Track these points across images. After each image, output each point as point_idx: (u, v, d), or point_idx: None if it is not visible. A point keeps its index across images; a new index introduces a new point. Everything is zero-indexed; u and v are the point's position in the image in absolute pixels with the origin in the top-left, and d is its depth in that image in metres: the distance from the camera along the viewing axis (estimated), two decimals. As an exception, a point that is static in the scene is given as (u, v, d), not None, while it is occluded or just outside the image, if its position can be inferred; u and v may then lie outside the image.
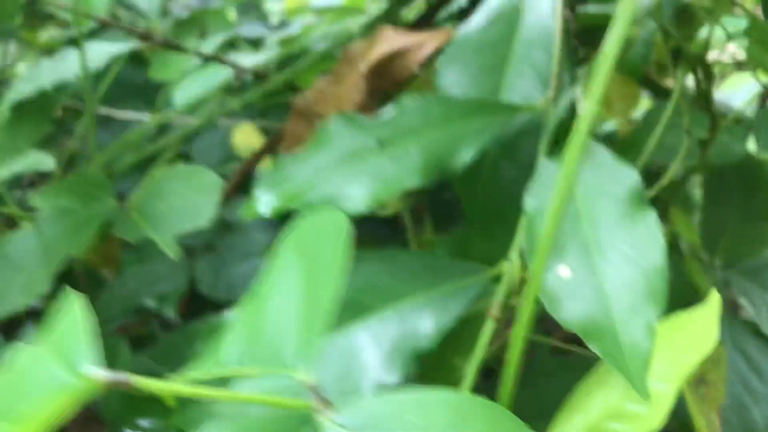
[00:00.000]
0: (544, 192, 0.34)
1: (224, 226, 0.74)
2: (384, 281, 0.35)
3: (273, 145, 0.68)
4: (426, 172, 0.35)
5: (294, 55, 0.72)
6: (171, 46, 0.58)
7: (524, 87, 0.39)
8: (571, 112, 0.36)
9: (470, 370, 0.34)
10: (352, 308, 0.34)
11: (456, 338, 0.36)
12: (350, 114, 0.37)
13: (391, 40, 0.48)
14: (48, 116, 0.45)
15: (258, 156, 0.69)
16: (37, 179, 0.74)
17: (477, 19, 0.41)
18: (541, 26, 0.40)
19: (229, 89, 0.70)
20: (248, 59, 0.66)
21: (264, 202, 0.37)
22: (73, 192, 0.43)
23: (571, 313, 0.29)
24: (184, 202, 0.40)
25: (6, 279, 0.41)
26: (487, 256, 0.38)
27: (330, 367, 0.32)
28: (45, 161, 0.56)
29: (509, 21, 0.40)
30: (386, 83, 0.49)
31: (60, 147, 0.63)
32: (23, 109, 0.46)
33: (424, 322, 0.35)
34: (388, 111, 0.37)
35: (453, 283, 0.36)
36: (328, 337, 0.31)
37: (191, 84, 0.65)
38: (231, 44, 0.74)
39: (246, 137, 0.85)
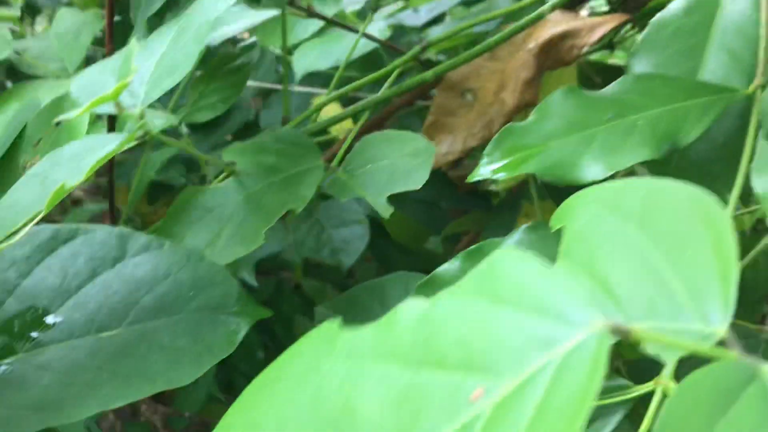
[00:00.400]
0: (772, 170, 0.36)
1: (319, 195, 0.76)
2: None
3: (381, 121, 0.70)
4: (655, 146, 0.38)
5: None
6: (314, 14, 0.59)
7: (721, 73, 0.42)
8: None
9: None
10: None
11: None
12: (573, 87, 0.40)
13: (561, 22, 0.50)
14: (242, 82, 0.46)
15: (366, 130, 0.70)
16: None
17: (673, 7, 0.44)
18: (740, 15, 0.42)
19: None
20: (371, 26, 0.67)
21: (492, 166, 0.39)
22: (272, 151, 0.44)
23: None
24: (395, 165, 0.42)
25: (215, 230, 0.42)
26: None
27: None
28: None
29: (708, 9, 0.43)
30: (552, 62, 0.51)
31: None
32: (215, 68, 0.47)
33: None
34: (610, 87, 0.40)
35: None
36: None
37: (313, 52, 0.66)
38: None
39: (328, 109, 0.86)
